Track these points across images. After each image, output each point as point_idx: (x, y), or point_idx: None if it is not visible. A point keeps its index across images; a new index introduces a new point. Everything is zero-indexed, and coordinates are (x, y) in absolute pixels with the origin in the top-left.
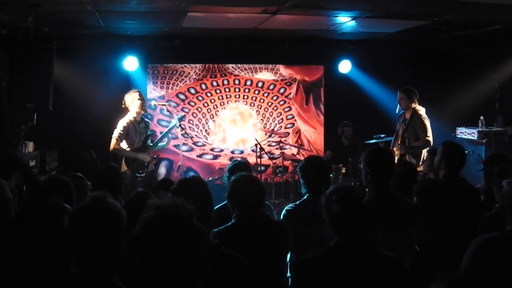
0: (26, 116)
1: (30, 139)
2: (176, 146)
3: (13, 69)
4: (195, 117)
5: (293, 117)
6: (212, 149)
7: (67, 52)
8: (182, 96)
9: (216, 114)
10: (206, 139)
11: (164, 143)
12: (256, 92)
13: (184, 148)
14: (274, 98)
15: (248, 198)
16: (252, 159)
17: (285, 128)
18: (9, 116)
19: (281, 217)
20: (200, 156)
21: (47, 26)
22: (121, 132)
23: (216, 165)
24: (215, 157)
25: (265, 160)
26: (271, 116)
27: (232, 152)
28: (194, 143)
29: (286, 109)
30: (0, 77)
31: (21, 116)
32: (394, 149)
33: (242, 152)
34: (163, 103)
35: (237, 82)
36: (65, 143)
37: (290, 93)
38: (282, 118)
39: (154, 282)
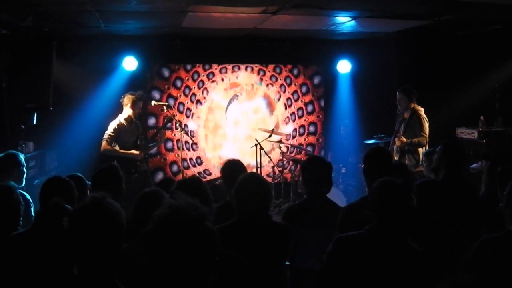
0: (26, 116)
1: (30, 139)
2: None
3: (13, 69)
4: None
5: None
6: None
7: (67, 52)
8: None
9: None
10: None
11: (158, 140)
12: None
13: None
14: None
15: (254, 199)
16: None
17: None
18: (9, 116)
19: (282, 216)
20: None
21: (47, 26)
22: (112, 134)
23: None
24: None
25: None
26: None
27: None
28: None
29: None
30: (0, 77)
31: (21, 116)
32: (396, 139)
33: None
34: (163, 103)
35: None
36: (65, 143)
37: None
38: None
39: (163, 281)
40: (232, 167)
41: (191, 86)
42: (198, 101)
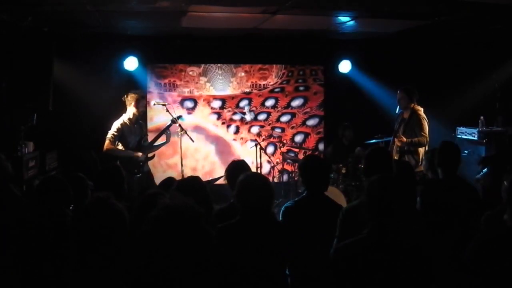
0: (26, 116)
1: (30, 139)
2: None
3: (13, 69)
4: None
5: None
6: None
7: (67, 52)
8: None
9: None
10: None
11: (163, 141)
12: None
13: None
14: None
15: (257, 200)
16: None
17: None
18: (9, 116)
19: (280, 214)
20: None
21: (47, 26)
22: (115, 134)
23: None
24: None
25: (264, 160)
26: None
27: None
28: None
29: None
30: (0, 77)
31: (21, 116)
32: (395, 139)
33: None
34: (163, 103)
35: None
36: (65, 143)
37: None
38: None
39: (158, 281)
40: (237, 168)
41: (188, 83)
42: (196, 99)
